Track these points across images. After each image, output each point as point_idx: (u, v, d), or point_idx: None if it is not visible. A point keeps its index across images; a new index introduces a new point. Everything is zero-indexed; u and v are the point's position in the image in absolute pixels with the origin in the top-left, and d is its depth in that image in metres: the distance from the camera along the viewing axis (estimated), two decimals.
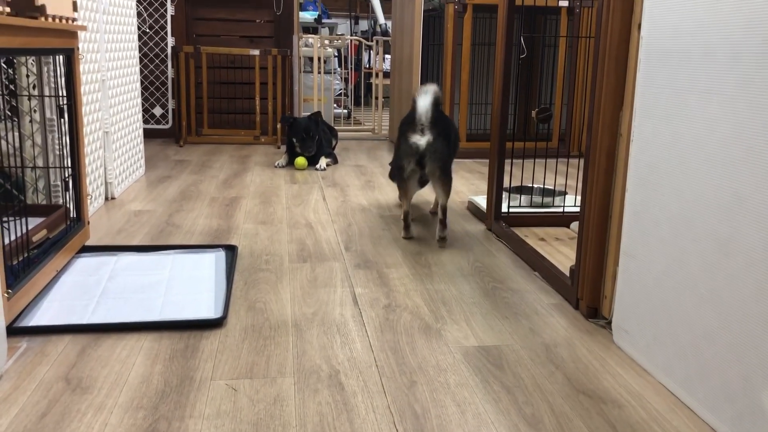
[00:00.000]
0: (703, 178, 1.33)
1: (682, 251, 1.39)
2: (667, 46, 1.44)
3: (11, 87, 2.26)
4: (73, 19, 2.08)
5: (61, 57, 2.11)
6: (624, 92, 1.68)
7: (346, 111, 6.55)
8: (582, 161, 3.59)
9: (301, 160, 3.90)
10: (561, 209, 2.77)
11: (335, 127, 4.71)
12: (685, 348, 1.38)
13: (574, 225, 2.68)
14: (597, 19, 1.74)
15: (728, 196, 1.25)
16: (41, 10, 1.79)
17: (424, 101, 2.34)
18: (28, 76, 2.26)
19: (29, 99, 2.29)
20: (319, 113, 4.04)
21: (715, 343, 1.29)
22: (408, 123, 2.41)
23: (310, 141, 3.89)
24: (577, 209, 2.75)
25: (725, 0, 1.26)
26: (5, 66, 2.21)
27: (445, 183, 2.44)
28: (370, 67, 7.88)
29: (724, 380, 1.27)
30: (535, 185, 2.94)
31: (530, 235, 2.56)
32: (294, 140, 3.92)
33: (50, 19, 1.87)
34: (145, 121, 4.87)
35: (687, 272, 1.38)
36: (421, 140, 2.35)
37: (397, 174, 2.50)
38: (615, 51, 1.67)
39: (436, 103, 2.37)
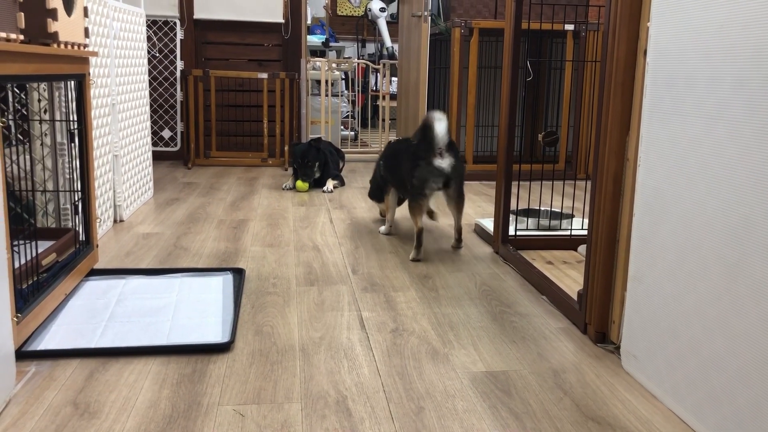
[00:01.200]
0: (711, 203, 1.33)
1: (689, 276, 1.39)
2: (673, 72, 1.45)
3: (23, 111, 2.29)
4: (85, 45, 2.11)
5: (72, 82, 2.14)
6: (630, 117, 1.69)
7: (353, 133, 6.59)
8: (589, 184, 3.58)
9: (300, 183, 3.92)
10: (568, 232, 2.77)
11: (342, 149, 4.73)
12: (694, 374, 1.38)
13: (582, 248, 2.67)
14: (603, 45, 1.76)
15: (736, 221, 1.25)
16: (54, 37, 1.81)
17: (441, 126, 2.51)
18: (39, 100, 2.29)
19: (40, 123, 2.31)
20: (319, 139, 4.04)
21: (725, 369, 1.28)
22: (425, 148, 2.55)
23: (307, 168, 3.91)
24: (585, 232, 2.75)
25: (731, 26, 1.27)
26: (17, 90, 2.24)
27: (460, 203, 2.70)
28: (376, 90, 7.93)
29: (734, 407, 1.26)
30: (542, 208, 2.94)
31: (537, 258, 2.56)
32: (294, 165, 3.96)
33: (62, 46, 1.90)
34: (154, 144, 4.91)
35: (695, 297, 1.37)
36: (444, 163, 2.55)
37: (417, 195, 2.60)
38: (621, 76, 1.68)
39: (448, 129, 2.55)
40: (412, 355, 1.71)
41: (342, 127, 6.28)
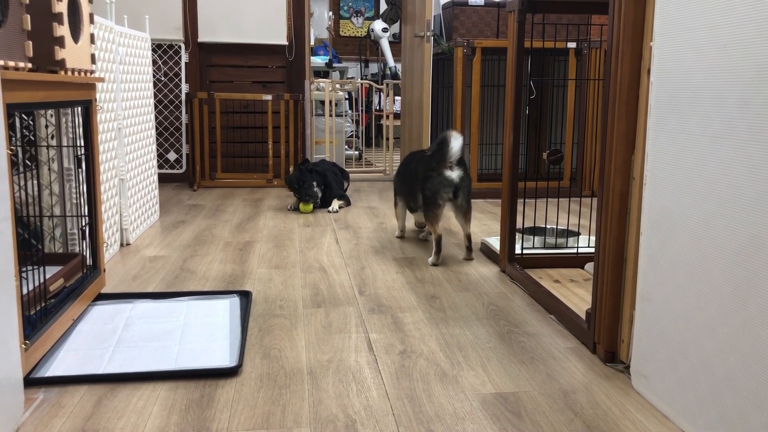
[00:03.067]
0: (719, 222, 1.32)
1: (699, 295, 1.38)
2: (677, 91, 1.46)
3: (30, 137, 2.31)
4: (92, 71, 2.13)
5: (79, 108, 2.16)
6: (635, 136, 1.70)
7: (357, 152, 6.61)
8: (593, 201, 3.56)
9: (303, 206, 3.93)
10: (575, 250, 2.77)
11: (347, 169, 4.75)
12: (706, 394, 1.36)
13: (589, 266, 2.67)
14: (606, 64, 1.77)
15: (744, 240, 1.25)
16: (61, 64, 1.83)
17: (457, 143, 2.76)
18: (47, 126, 2.30)
19: (47, 149, 2.33)
20: (306, 160, 4.08)
21: (737, 390, 1.27)
22: (438, 161, 2.79)
23: (303, 189, 3.92)
24: (591, 250, 2.75)
25: (735, 46, 1.28)
26: (25, 117, 2.26)
27: (468, 212, 2.88)
28: (380, 109, 7.97)
29: (747, 428, 1.24)
30: (548, 226, 2.94)
31: (544, 277, 2.55)
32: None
33: (70, 73, 1.92)
34: (159, 166, 4.93)
35: (705, 317, 1.36)
36: (453, 175, 2.78)
37: (431, 205, 2.81)
38: (625, 95, 1.68)
39: (462, 147, 2.80)
40: (421, 377, 1.70)
41: (346, 147, 6.31)
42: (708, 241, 1.36)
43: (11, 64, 1.55)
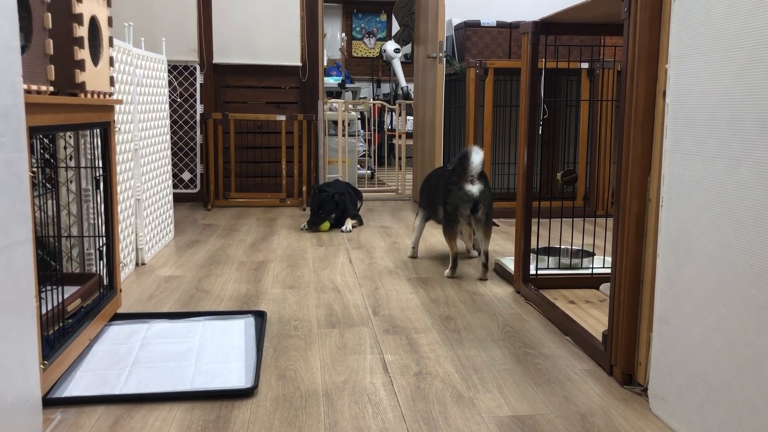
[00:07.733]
0: (737, 244, 1.32)
1: (718, 318, 1.37)
2: (693, 113, 1.46)
3: (50, 159, 2.34)
4: (110, 94, 2.16)
5: (98, 130, 2.18)
6: (651, 157, 1.70)
7: (369, 172, 6.63)
8: (606, 220, 3.56)
9: (325, 224, 3.96)
10: (589, 270, 2.75)
11: (359, 189, 4.76)
12: (726, 418, 1.35)
13: (604, 286, 2.65)
14: (621, 86, 1.77)
15: (764, 263, 1.24)
16: (81, 87, 1.86)
17: (477, 157, 2.78)
18: (65, 148, 2.34)
19: (66, 170, 2.36)
20: (336, 181, 4.13)
21: (758, 414, 1.26)
22: (459, 175, 2.81)
23: (324, 205, 3.96)
24: (606, 270, 2.73)
25: (752, 69, 1.28)
26: (45, 139, 2.29)
27: (488, 228, 2.88)
28: (392, 129, 8.01)
29: None
30: (562, 246, 2.93)
31: (560, 298, 2.54)
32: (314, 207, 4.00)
33: (89, 95, 1.95)
34: (174, 186, 4.97)
35: (725, 340, 1.35)
36: (473, 189, 2.80)
37: (451, 219, 2.84)
38: (641, 118, 1.69)
39: (482, 162, 2.82)
40: (437, 399, 1.69)
41: (359, 167, 6.33)
42: (726, 263, 1.35)
43: (34, 87, 1.57)
